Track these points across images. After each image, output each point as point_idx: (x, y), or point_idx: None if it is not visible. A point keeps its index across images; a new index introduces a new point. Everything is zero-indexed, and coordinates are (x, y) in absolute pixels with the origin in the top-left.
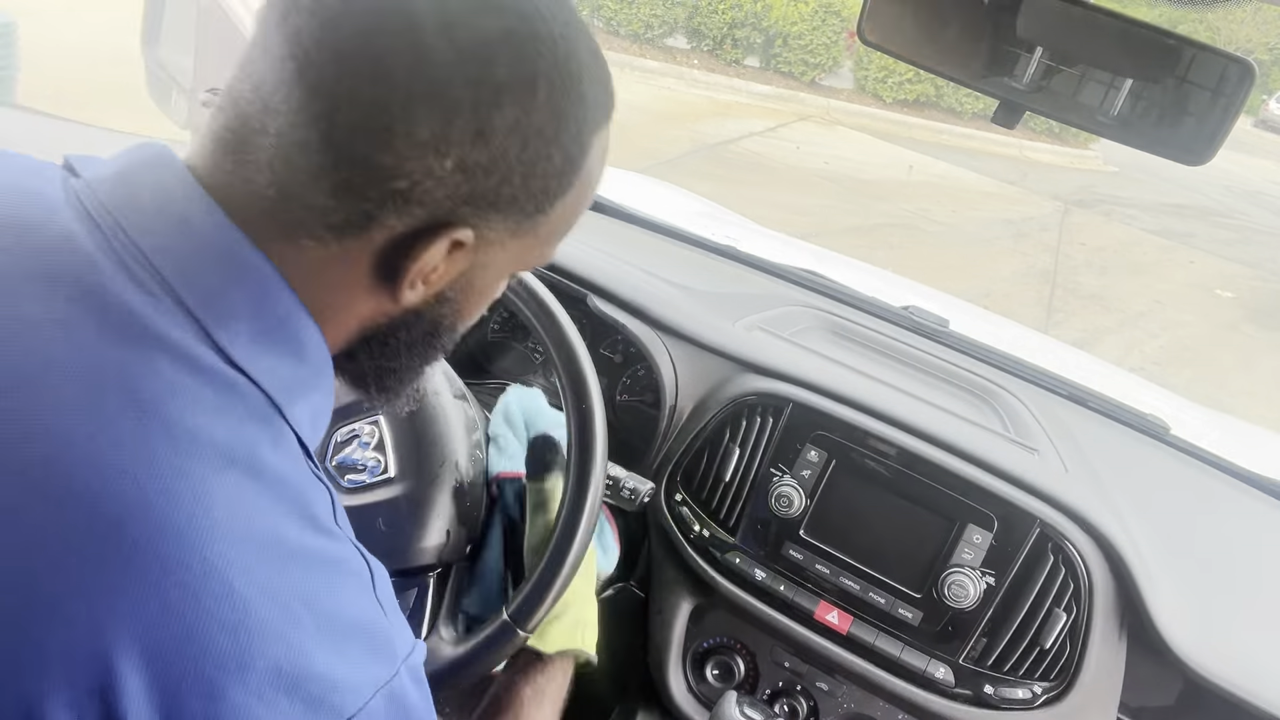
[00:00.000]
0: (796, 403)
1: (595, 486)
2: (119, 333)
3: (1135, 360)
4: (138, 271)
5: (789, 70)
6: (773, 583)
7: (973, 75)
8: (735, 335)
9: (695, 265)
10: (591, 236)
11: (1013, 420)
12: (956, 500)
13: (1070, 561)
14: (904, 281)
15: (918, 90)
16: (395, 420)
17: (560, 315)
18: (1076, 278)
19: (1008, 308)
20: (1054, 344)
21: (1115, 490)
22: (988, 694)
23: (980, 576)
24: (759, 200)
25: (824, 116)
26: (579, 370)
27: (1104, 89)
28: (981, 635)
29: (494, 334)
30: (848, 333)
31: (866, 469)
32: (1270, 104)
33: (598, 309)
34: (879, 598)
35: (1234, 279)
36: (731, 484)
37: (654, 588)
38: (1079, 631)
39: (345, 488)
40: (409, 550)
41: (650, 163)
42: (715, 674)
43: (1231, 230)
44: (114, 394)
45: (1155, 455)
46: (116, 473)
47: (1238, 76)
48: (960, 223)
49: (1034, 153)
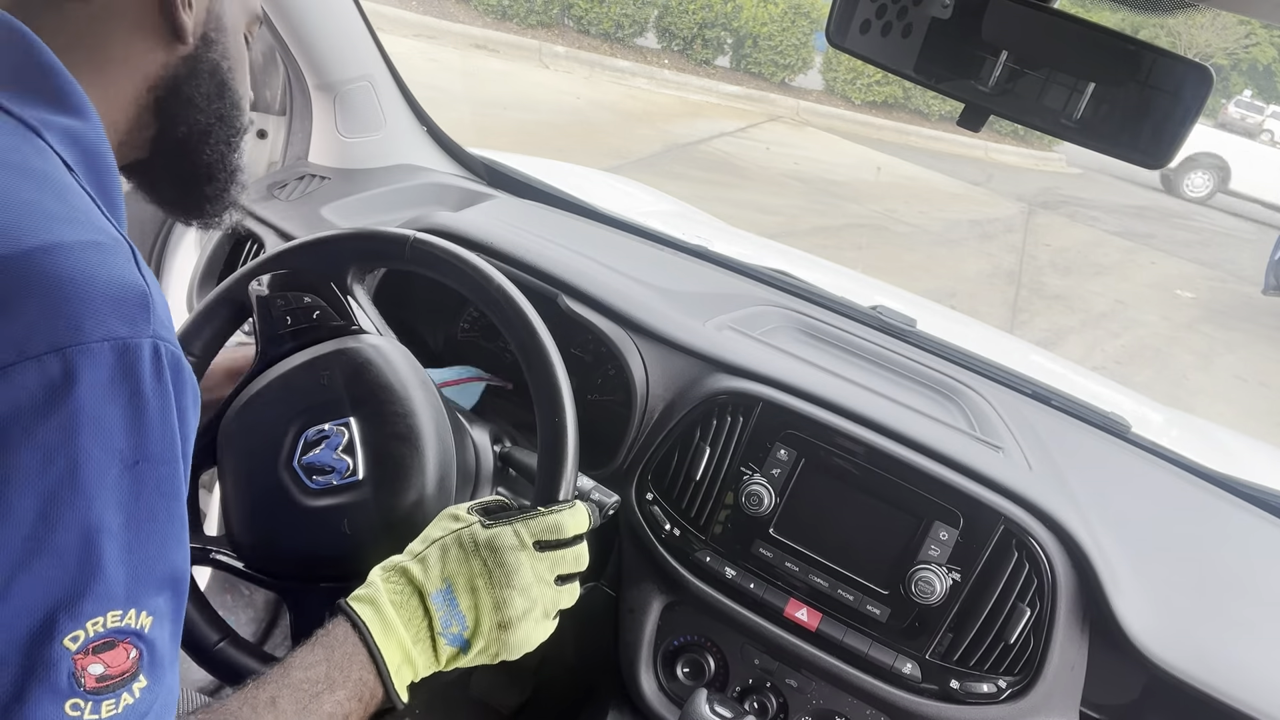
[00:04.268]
0: (766, 401)
1: (564, 500)
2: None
3: (1098, 359)
4: None
5: (759, 71)
6: (743, 580)
7: (938, 78)
8: (706, 335)
9: (666, 265)
10: (563, 236)
11: (978, 419)
12: (923, 498)
13: (1034, 558)
14: (872, 282)
15: (886, 92)
16: (367, 424)
17: (536, 324)
18: (1041, 278)
19: (974, 308)
20: (1019, 343)
21: (1078, 487)
22: (954, 688)
23: (947, 573)
24: (729, 200)
25: (794, 117)
26: (553, 380)
27: (1067, 93)
28: (948, 631)
29: (464, 333)
30: (817, 332)
31: (835, 467)
32: (1229, 108)
33: (569, 308)
34: (847, 594)
35: (1194, 280)
36: (702, 483)
37: (625, 586)
38: (1043, 626)
39: (312, 488)
40: (372, 556)
41: (621, 162)
42: (686, 672)
43: (1191, 232)
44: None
45: (1117, 453)
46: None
47: (1197, 81)
48: (927, 223)
49: (999, 155)
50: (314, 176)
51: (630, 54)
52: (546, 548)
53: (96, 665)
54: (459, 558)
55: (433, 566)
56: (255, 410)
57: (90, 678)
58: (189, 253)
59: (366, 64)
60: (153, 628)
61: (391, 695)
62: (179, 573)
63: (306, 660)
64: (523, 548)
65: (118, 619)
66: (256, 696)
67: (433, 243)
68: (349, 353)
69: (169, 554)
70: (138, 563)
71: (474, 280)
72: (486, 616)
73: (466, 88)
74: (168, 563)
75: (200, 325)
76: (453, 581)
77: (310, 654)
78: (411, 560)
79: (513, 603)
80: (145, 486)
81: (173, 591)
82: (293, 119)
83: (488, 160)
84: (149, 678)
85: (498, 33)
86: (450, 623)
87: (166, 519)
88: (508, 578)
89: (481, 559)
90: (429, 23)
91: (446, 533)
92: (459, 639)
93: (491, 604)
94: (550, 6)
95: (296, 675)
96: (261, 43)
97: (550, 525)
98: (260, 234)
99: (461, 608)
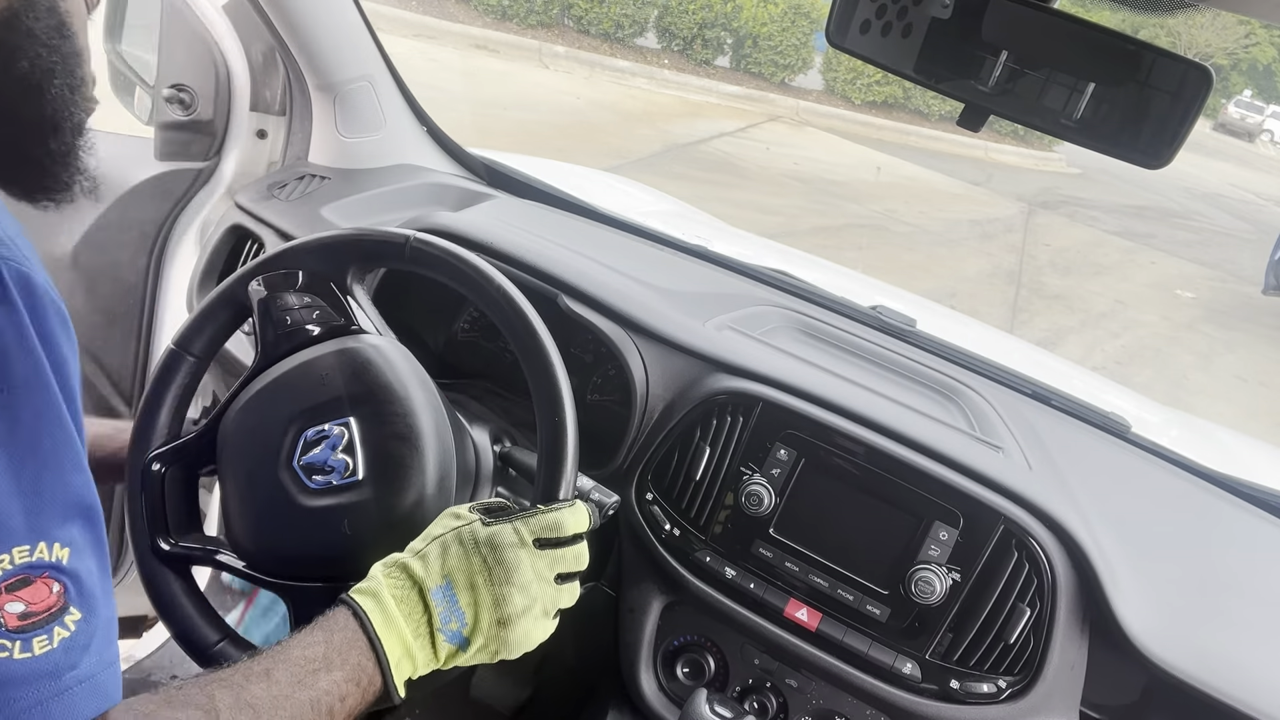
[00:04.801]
0: (766, 401)
1: (564, 500)
2: None
3: (1098, 359)
4: None
5: (759, 71)
6: (743, 580)
7: (938, 78)
8: (706, 335)
9: (666, 265)
10: (563, 236)
11: (978, 419)
12: (923, 498)
13: (1034, 558)
14: (872, 282)
15: (886, 92)
16: (366, 424)
17: (536, 324)
18: (1041, 278)
19: (974, 308)
20: (1019, 343)
21: (1078, 487)
22: (954, 688)
23: (946, 573)
24: (729, 200)
25: (794, 117)
26: (553, 380)
27: (1067, 93)
28: (948, 631)
29: (463, 333)
30: (817, 332)
31: (835, 467)
32: (1229, 108)
33: (569, 308)
34: (847, 594)
35: (1194, 280)
36: (702, 483)
37: (625, 586)
38: (1043, 626)
39: (311, 488)
40: (372, 556)
41: (621, 162)
42: (686, 672)
43: (1191, 232)
44: None
45: (1117, 453)
46: None
47: (1196, 82)
48: (927, 223)
49: (999, 155)
50: (314, 176)
51: (630, 54)
52: (546, 546)
53: (15, 603)
54: (459, 554)
55: (433, 563)
56: (255, 410)
57: (11, 616)
58: (189, 253)
59: (366, 64)
60: (71, 558)
61: (390, 687)
62: (85, 501)
63: (305, 640)
64: (522, 545)
65: (26, 554)
66: (251, 667)
67: (432, 243)
68: (349, 353)
69: (67, 483)
70: (32, 495)
71: (473, 280)
72: (486, 613)
73: (466, 88)
74: (69, 492)
75: (200, 325)
76: (453, 578)
77: (310, 635)
78: (412, 556)
79: (512, 600)
80: (20, 416)
81: (85, 520)
82: (293, 119)
83: (488, 160)
84: (81, 609)
85: (498, 33)
86: (450, 619)
87: (53, 448)
88: (507, 574)
89: (481, 556)
90: (429, 23)
91: (447, 530)
92: (458, 635)
93: (491, 600)
94: (550, 6)
95: (295, 653)
96: (261, 43)
97: (550, 523)
98: (260, 234)
99: (461, 604)
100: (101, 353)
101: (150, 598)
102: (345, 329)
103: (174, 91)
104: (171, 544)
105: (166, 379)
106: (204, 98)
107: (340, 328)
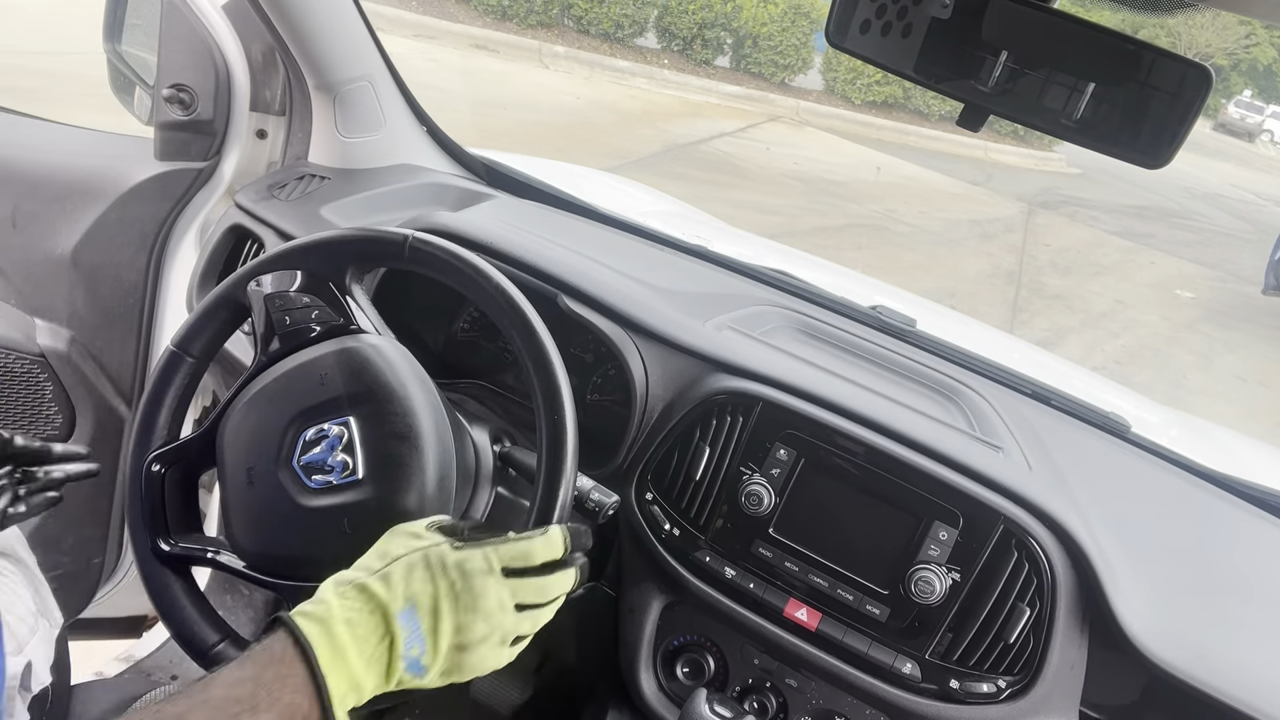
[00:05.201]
0: (766, 401)
1: (564, 499)
2: None
3: (1097, 359)
4: None
5: (759, 71)
6: (742, 580)
7: (938, 78)
8: (705, 334)
9: (666, 265)
10: (562, 236)
11: (978, 419)
12: (923, 498)
13: (1034, 557)
14: (872, 281)
15: (886, 92)
16: (366, 423)
17: (535, 323)
18: (1041, 278)
19: (974, 307)
20: (1018, 343)
21: (1078, 487)
22: (953, 688)
23: (946, 573)
24: (729, 200)
25: (794, 117)
26: (553, 380)
27: (1067, 93)
28: (947, 630)
29: (463, 333)
30: (817, 332)
31: (835, 467)
32: (1229, 108)
33: (569, 308)
34: (847, 594)
35: (1193, 280)
36: (702, 483)
37: (624, 586)
38: (1042, 626)
39: (311, 488)
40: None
41: (621, 162)
42: (685, 672)
43: (1191, 232)
44: None
45: (1117, 453)
46: None
47: (1196, 82)
48: (927, 223)
49: (999, 155)
50: (314, 176)
51: (630, 54)
52: (513, 574)
53: None
54: (424, 577)
55: (396, 584)
56: (254, 410)
57: None
58: (189, 253)
59: (366, 64)
60: None
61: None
62: None
63: (231, 678)
64: (490, 573)
65: None
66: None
67: (431, 242)
68: (348, 352)
69: None
70: None
71: (473, 280)
72: (445, 640)
73: (466, 88)
74: None
75: (200, 325)
76: (416, 601)
77: (238, 671)
78: (372, 577)
79: (474, 627)
80: None
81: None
82: (292, 119)
83: (487, 160)
84: None
85: (498, 33)
86: (412, 645)
87: None
88: (474, 601)
89: (450, 580)
90: (429, 23)
91: (409, 550)
92: (417, 664)
93: (452, 627)
94: (550, 6)
95: (216, 692)
96: (261, 42)
97: (520, 552)
98: (260, 234)
99: (423, 630)
100: (101, 353)
101: (150, 598)
102: (345, 329)
103: (174, 91)
104: (171, 544)
105: (166, 380)
106: (204, 98)
107: (339, 327)
